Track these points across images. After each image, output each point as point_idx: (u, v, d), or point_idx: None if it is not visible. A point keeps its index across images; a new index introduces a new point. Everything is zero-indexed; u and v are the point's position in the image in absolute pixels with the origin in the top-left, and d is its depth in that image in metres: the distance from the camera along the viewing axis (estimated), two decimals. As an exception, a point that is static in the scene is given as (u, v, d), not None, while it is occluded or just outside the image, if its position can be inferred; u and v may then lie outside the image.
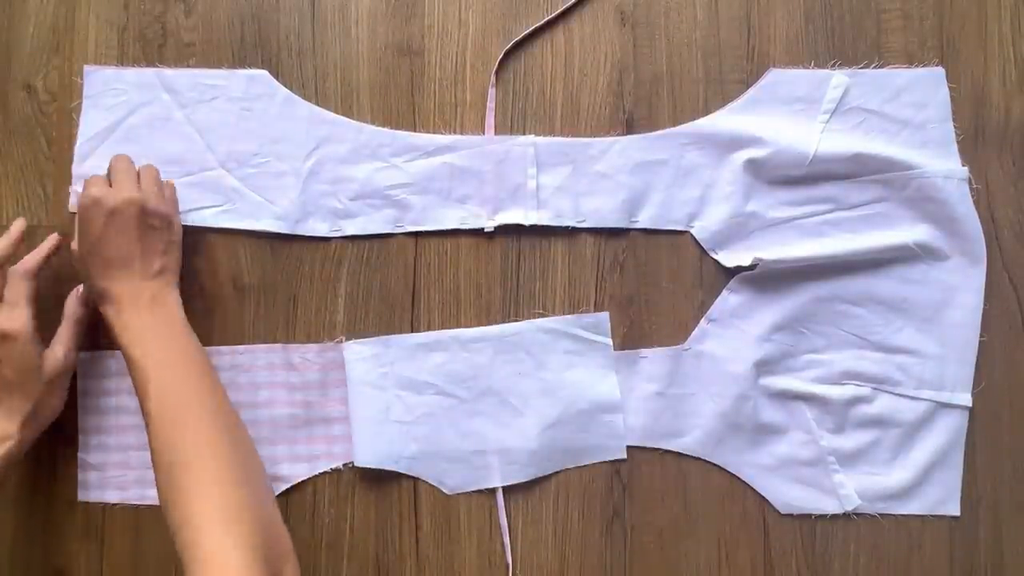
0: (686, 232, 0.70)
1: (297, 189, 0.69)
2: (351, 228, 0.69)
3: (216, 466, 0.52)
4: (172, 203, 0.65)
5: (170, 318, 0.60)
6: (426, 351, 0.69)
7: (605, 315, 0.69)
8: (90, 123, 0.69)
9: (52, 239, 0.66)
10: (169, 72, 0.69)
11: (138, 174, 0.63)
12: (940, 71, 0.70)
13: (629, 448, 0.69)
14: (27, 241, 0.69)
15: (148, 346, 0.57)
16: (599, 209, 0.70)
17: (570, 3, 0.71)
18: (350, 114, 0.70)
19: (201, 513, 0.50)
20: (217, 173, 0.69)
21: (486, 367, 0.69)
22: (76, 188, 0.68)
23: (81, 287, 0.65)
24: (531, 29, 0.70)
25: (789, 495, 0.68)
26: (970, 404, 0.68)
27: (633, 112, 0.71)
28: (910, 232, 0.68)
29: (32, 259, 0.64)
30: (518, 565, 0.68)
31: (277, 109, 0.69)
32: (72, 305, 0.65)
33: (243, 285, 0.69)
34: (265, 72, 0.70)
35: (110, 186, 0.61)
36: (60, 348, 0.63)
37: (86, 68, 0.69)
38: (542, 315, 0.69)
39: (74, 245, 0.62)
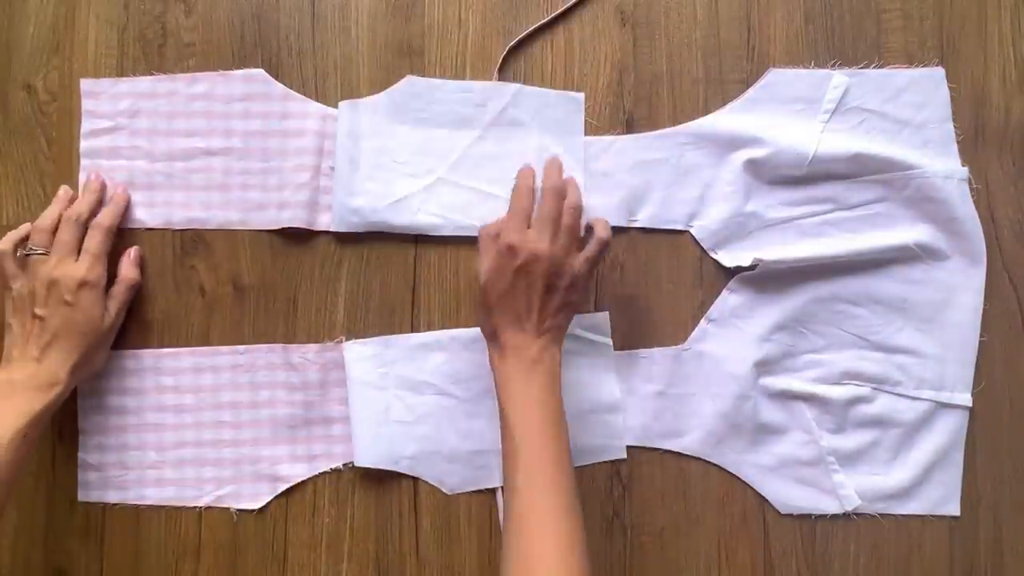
0: (686, 232, 0.70)
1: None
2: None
3: (567, 542, 0.53)
4: (587, 259, 0.62)
5: (547, 380, 0.59)
6: (426, 351, 0.69)
7: (605, 315, 0.69)
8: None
9: (122, 195, 0.68)
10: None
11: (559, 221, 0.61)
12: (940, 71, 0.70)
13: (629, 448, 0.69)
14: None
15: (523, 411, 0.57)
16: (598, 207, 0.70)
17: (570, 3, 0.71)
18: (350, 114, 0.70)
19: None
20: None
21: (486, 367, 0.69)
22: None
23: (135, 249, 0.68)
24: (531, 29, 0.70)
25: (789, 495, 0.68)
26: (970, 404, 0.68)
27: (633, 112, 0.71)
28: (910, 232, 0.68)
29: (109, 214, 0.66)
30: (518, 565, 0.68)
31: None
32: (128, 268, 0.67)
33: (243, 285, 0.69)
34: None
35: (528, 225, 0.60)
36: (114, 306, 0.65)
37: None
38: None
39: (481, 274, 0.61)
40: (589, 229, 0.63)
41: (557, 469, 0.55)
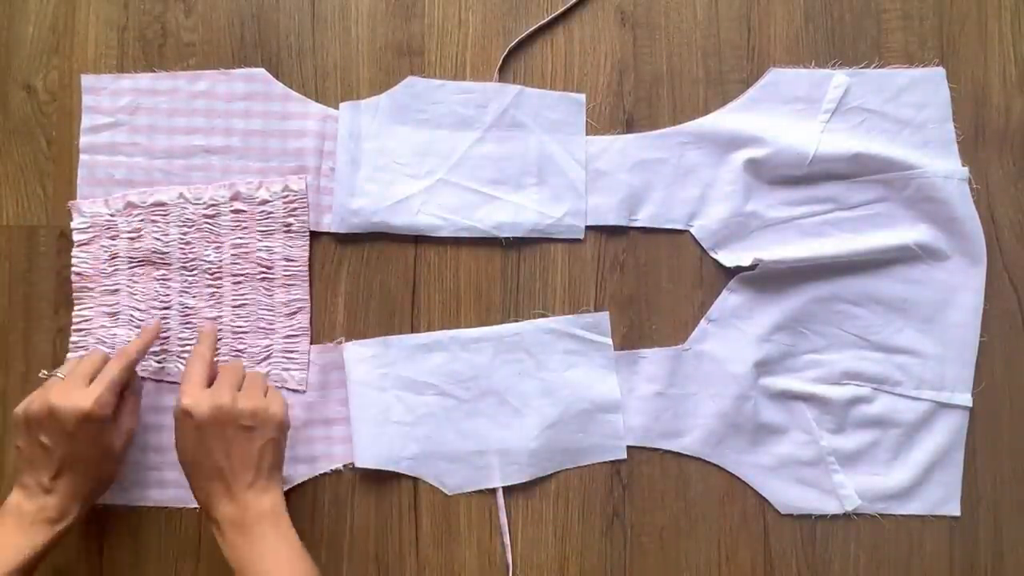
0: (686, 232, 0.70)
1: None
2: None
3: None
4: (274, 395, 0.61)
5: (274, 536, 0.57)
6: (426, 352, 0.69)
7: (605, 315, 0.69)
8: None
9: (152, 330, 0.66)
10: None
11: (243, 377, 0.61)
12: (940, 71, 0.70)
13: (629, 448, 0.69)
14: (27, 241, 0.69)
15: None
16: (598, 207, 0.70)
17: (570, 3, 0.71)
18: (350, 114, 0.70)
19: None
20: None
21: (486, 367, 0.69)
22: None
23: (139, 362, 0.64)
24: (531, 29, 0.70)
25: (789, 495, 0.68)
26: (970, 404, 0.68)
27: (633, 112, 0.71)
28: (910, 232, 0.68)
29: (137, 344, 0.64)
30: (518, 565, 0.68)
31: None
32: (138, 381, 0.65)
33: (243, 285, 0.69)
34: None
35: (207, 385, 0.59)
36: (127, 420, 0.63)
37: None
38: (542, 315, 0.69)
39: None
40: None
41: None
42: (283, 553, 0.57)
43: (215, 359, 0.64)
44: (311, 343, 0.69)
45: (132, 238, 0.68)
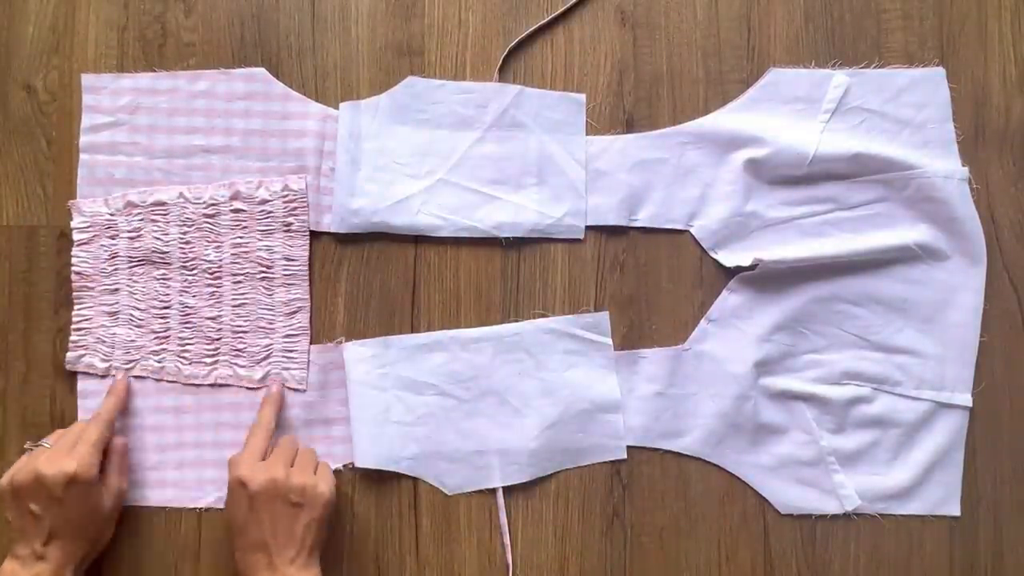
0: (686, 232, 0.70)
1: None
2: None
3: None
4: (323, 476, 0.62)
5: None
6: (426, 352, 0.69)
7: (605, 315, 0.69)
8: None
9: (122, 383, 0.67)
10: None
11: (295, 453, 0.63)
12: (940, 71, 0.70)
13: (629, 448, 0.69)
14: (27, 241, 0.69)
15: None
16: (598, 207, 0.70)
17: (570, 3, 0.71)
18: (350, 114, 0.70)
19: None
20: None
21: (486, 367, 0.69)
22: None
23: (114, 420, 0.65)
24: (531, 29, 0.70)
25: (789, 495, 0.68)
26: (970, 404, 0.68)
27: (633, 112, 0.71)
28: (910, 232, 0.68)
29: (109, 406, 0.65)
30: (518, 565, 0.68)
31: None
32: (119, 441, 0.66)
33: (243, 285, 0.69)
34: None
35: (262, 457, 0.61)
36: (115, 480, 0.64)
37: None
38: (542, 315, 0.69)
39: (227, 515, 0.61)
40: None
41: None
42: None
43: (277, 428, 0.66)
44: (311, 343, 0.69)
45: (132, 238, 0.68)
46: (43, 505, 0.59)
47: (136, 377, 0.68)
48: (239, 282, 0.69)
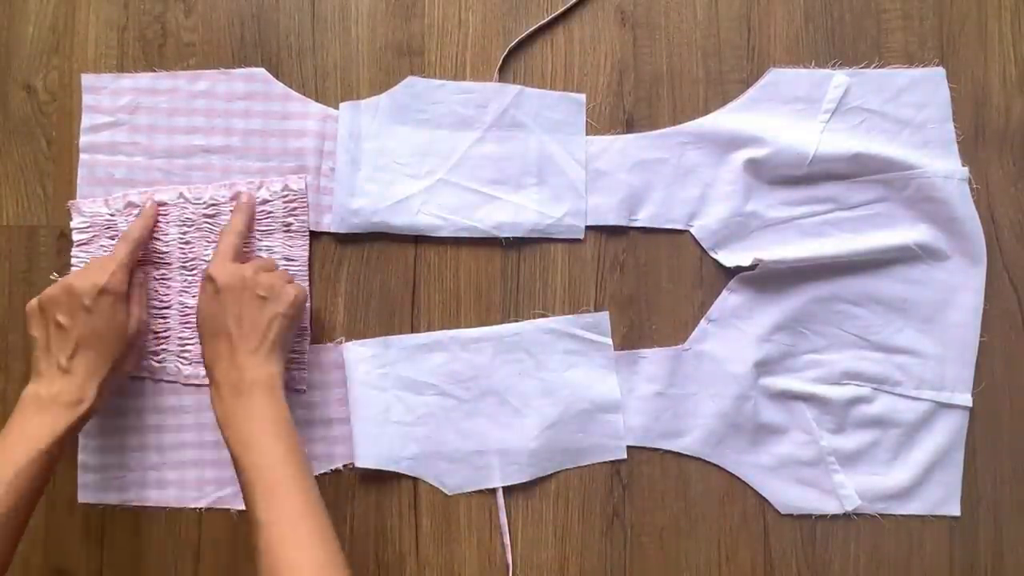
0: (686, 232, 0.70)
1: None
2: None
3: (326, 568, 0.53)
4: (296, 283, 0.63)
5: (265, 398, 0.58)
6: (426, 352, 0.69)
7: (605, 315, 0.69)
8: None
9: (152, 208, 0.68)
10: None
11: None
12: (940, 71, 0.70)
13: (629, 448, 0.69)
14: (27, 241, 0.70)
15: (248, 443, 0.56)
16: (598, 207, 0.70)
17: (570, 3, 0.71)
18: (350, 114, 0.70)
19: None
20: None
21: (486, 368, 0.69)
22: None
23: (144, 241, 0.67)
24: (531, 29, 0.70)
25: (789, 495, 0.68)
26: (970, 404, 0.68)
27: (633, 112, 0.71)
28: (910, 232, 0.68)
29: (138, 226, 0.66)
30: (518, 565, 0.68)
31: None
32: (140, 274, 0.67)
33: (243, 285, 0.69)
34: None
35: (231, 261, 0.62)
36: (136, 309, 0.65)
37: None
38: (542, 315, 0.69)
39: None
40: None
41: (297, 492, 0.54)
42: (269, 419, 0.57)
43: (250, 233, 0.67)
44: (311, 343, 0.69)
45: None
46: (71, 315, 0.60)
47: (136, 378, 0.68)
48: (239, 282, 0.68)
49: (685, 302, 0.70)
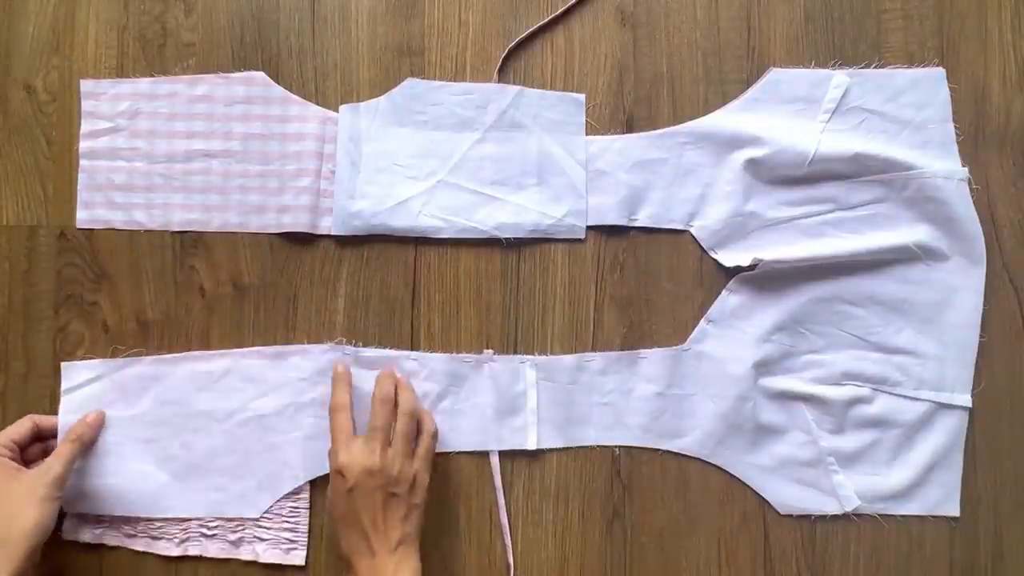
0: (686, 232, 0.70)
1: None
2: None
3: None
4: (422, 459, 0.62)
5: None
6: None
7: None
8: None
9: (97, 416, 0.66)
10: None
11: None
12: (940, 71, 0.70)
13: (629, 448, 0.69)
14: (27, 241, 0.70)
15: None
16: (599, 207, 0.70)
17: (570, 3, 0.71)
18: (350, 114, 0.70)
19: None
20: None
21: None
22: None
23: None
24: (531, 29, 0.70)
25: (789, 495, 0.68)
26: (970, 404, 0.68)
27: (633, 112, 0.71)
28: (910, 232, 0.68)
29: (81, 426, 0.65)
30: (518, 565, 0.68)
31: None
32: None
33: (243, 285, 0.69)
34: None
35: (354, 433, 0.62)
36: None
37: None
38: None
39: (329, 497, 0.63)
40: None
41: None
42: None
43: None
44: (310, 343, 0.69)
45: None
46: None
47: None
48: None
49: (685, 302, 0.70)
